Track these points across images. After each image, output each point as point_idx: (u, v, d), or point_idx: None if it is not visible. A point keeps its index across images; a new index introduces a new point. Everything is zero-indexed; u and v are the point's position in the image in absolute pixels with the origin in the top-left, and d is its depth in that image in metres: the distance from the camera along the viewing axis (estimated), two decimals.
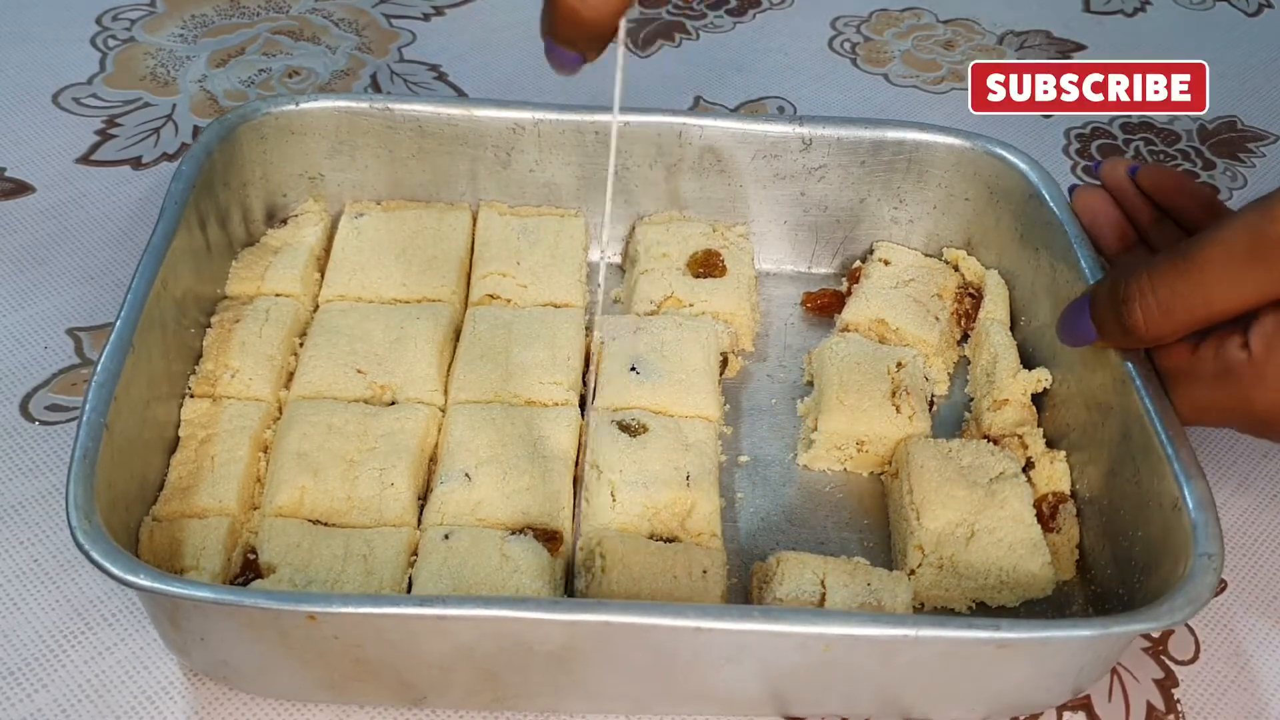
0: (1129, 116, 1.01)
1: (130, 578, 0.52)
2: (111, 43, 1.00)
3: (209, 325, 0.71)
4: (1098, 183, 0.71)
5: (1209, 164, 0.97)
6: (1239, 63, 1.08)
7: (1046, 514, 0.67)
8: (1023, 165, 0.76)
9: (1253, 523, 0.71)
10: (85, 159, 0.89)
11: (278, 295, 0.73)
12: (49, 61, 0.98)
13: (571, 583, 0.63)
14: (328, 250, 0.78)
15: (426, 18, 1.07)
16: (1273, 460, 0.75)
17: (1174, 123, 1.01)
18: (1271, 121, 1.02)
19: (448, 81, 0.99)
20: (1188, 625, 0.66)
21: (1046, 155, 0.96)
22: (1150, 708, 0.62)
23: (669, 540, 0.64)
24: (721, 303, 0.76)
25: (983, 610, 0.65)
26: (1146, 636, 0.65)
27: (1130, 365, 0.64)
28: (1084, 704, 0.62)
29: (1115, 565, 0.64)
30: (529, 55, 1.03)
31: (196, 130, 0.92)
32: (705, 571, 0.61)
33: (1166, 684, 0.64)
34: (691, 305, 0.76)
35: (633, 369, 0.70)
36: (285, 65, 1.00)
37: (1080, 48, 1.09)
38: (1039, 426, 0.71)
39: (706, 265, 0.77)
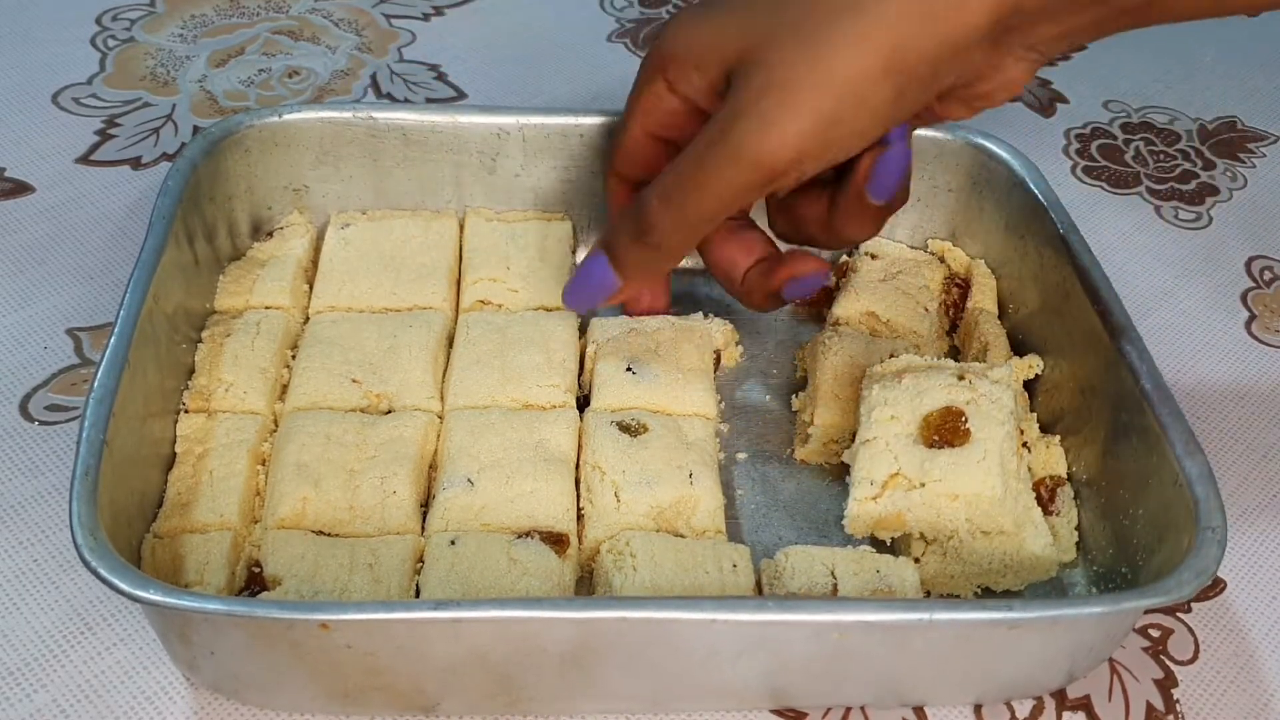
0: (1129, 117, 1.01)
1: (140, 593, 0.52)
2: (111, 43, 1.00)
3: (200, 340, 0.71)
4: None
5: (1209, 164, 0.97)
6: (1239, 63, 1.08)
7: (1045, 497, 0.68)
8: (1004, 154, 0.77)
9: (1253, 523, 0.71)
10: (85, 159, 0.89)
11: (267, 308, 0.73)
12: (49, 61, 0.98)
13: (579, 585, 0.63)
14: (315, 262, 0.78)
15: (426, 18, 1.07)
16: (1273, 461, 0.75)
17: (1174, 123, 1.01)
18: (1271, 121, 1.02)
19: (447, 81, 0.99)
20: (1187, 625, 0.66)
21: (1046, 155, 0.96)
22: (1150, 708, 0.62)
23: None
24: None
25: (988, 595, 0.65)
26: (1146, 636, 0.65)
27: (1122, 346, 0.65)
28: (1084, 704, 0.62)
29: (1116, 545, 0.64)
30: (529, 55, 1.04)
31: (196, 130, 0.92)
32: (735, 565, 0.61)
33: (1166, 684, 0.64)
34: None
35: (629, 369, 0.70)
36: (285, 65, 1.00)
37: (1081, 48, 1.09)
38: (1032, 412, 0.72)
39: None
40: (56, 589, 0.63)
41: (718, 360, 0.75)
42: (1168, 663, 0.64)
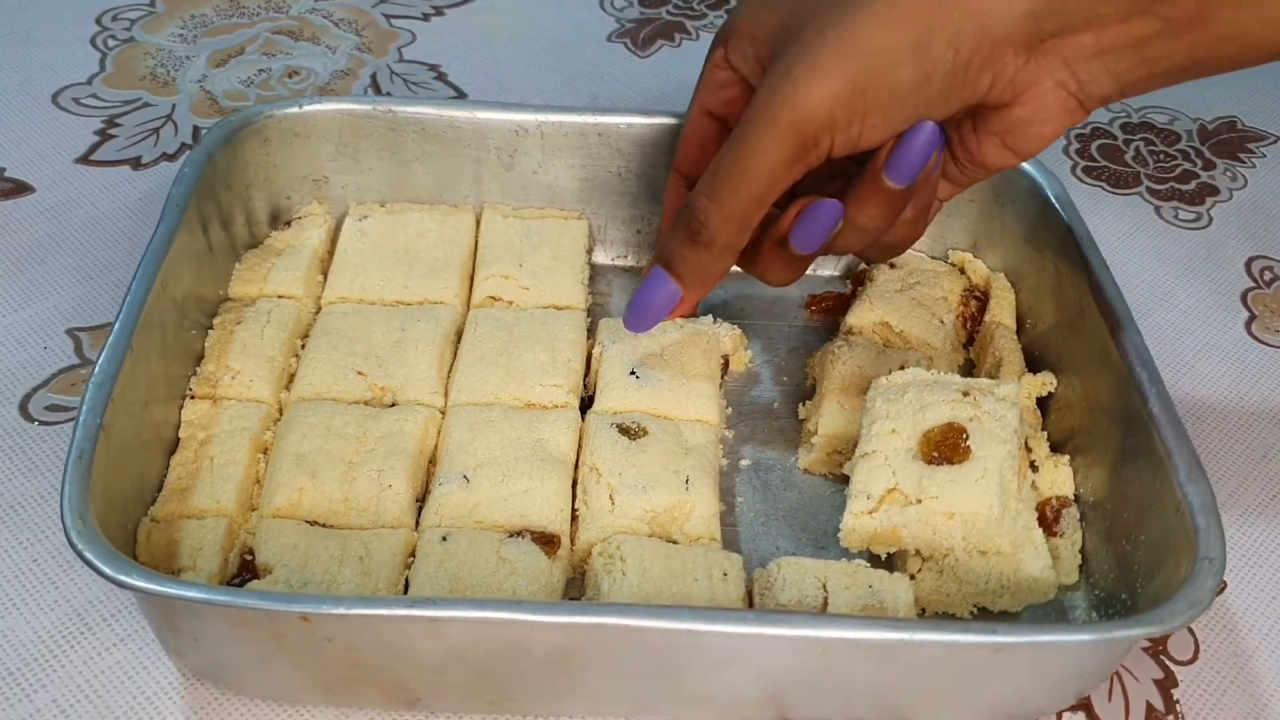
0: (1129, 117, 1.01)
1: (123, 578, 0.52)
2: (111, 43, 1.00)
3: (211, 327, 0.71)
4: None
5: (1209, 164, 0.97)
6: None
7: (1050, 518, 0.67)
8: (1027, 166, 0.76)
9: (1252, 523, 0.71)
10: (85, 159, 0.89)
11: (280, 297, 0.74)
12: (49, 61, 0.98)
13: (569, 586, 0.63)
14: (331, 252, 0.78)
15: (426, 18, 1.07)
16: (1272, 461, 0.75)
17: (1174, 123, 1.01)
18: (1271, 121, 1.02)
19: (447, 81, 0.99)
20: (1188, 625, 0.66)
21: (1047, 155, 0.95)
22: (1150, 708, 0.62)
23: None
24: None
25: (984, 615, 0.64)
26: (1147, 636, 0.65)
27: (1133, 367, 0.64)
28: (1084, 704, 0.62)
29: (1118, 570, 0.63)
30: (529, 55, 1.04)
31: (196, 130, 0.92)
32: (726, 574, 0.61)
33: (1166, 684, 0.63)
34: None
35: (632, 373, 0.70)
36: (285, 65, 1.00)
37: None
38: (1043, 430, 0.71)
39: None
40: (56, 589, 0.63)
41: (727, 365, 0.75)
42: (1168, 663, 0.64)
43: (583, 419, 0.69)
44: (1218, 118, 1.02)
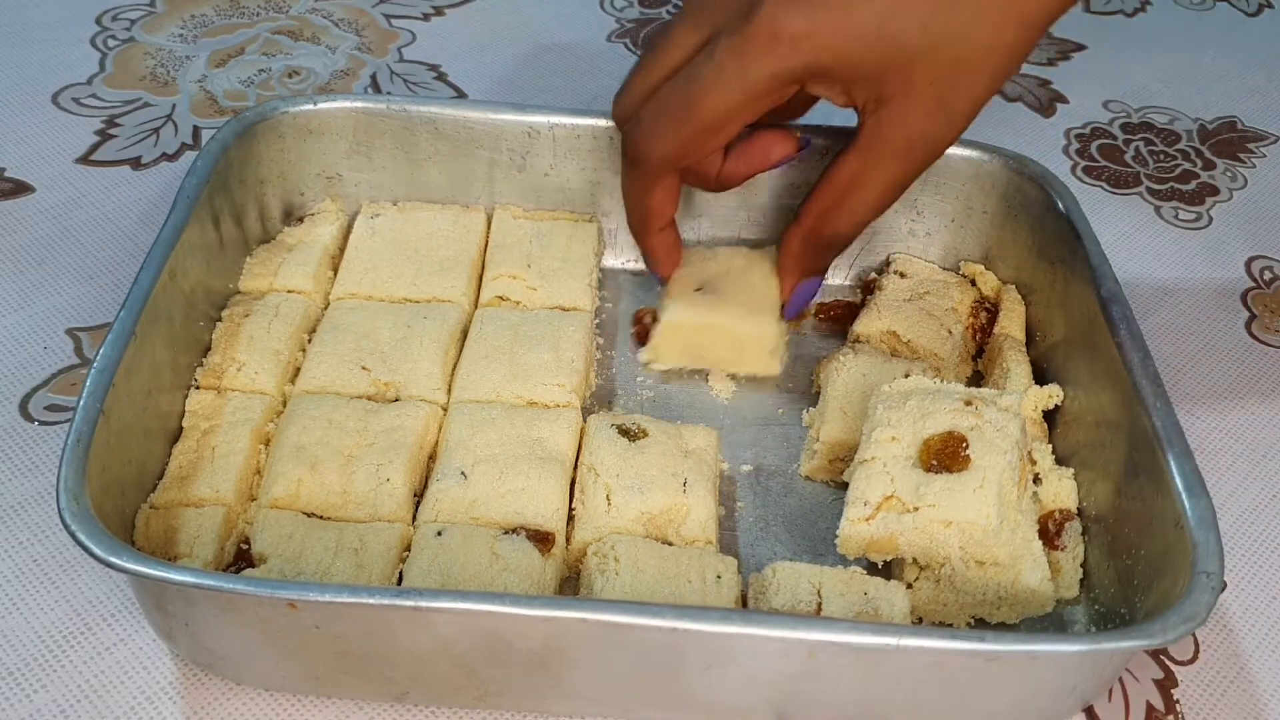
0: (1129, 117, 1.01)
1: (114, 559, 0.52)
2: (111, 43, 1.00)
3: (219, 319, 0.71)
4: None
5: (1209, 164, 0.97)
6: (1239, 63, 1.08)
7: (1052, 531, 0.66)
8: (1040, 178, 0.76)
9: (1252, 523, 0.71)
10: (85, 159, 0.89)
11: (289, 292, 0.74)
12: (49, 61, 0.98)
13: (565, 586, 0.63)
14: (343, 249, 0.78)
15: (426, 18, 1.07)
16: (1272, 460, 0.75)
17: (1174, 123, 1.01)
18: (1271, 121, 1.02)
19: (447, 81, 0.99)
20: (1181, 639, 0.65)
21: (1046, 155, 0.96)
22: (1150, 708, 0.62)
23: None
24: None
25: (982, 627, 0.64)
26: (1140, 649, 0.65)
27: (1138, 381, 0.64)
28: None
29: (1119, 584, 0.63)
30: (529, 55, 1.04)
31: (196, 130, 0.92)
32: (719, 577, 0.61)
33: (1166, 684, 0.64)
34: None
35: (699, 288, 0.70)
36: (285, 65, 1.00)
37: (1081, 48, 1.09)
38: (1049, 443, 0.71)
39: None
40: (56, 589, 0.63)
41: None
42: (1168, 663, 0.64)
43: (582, 418, 0.69)
44: (1218, 118, 1.02)
